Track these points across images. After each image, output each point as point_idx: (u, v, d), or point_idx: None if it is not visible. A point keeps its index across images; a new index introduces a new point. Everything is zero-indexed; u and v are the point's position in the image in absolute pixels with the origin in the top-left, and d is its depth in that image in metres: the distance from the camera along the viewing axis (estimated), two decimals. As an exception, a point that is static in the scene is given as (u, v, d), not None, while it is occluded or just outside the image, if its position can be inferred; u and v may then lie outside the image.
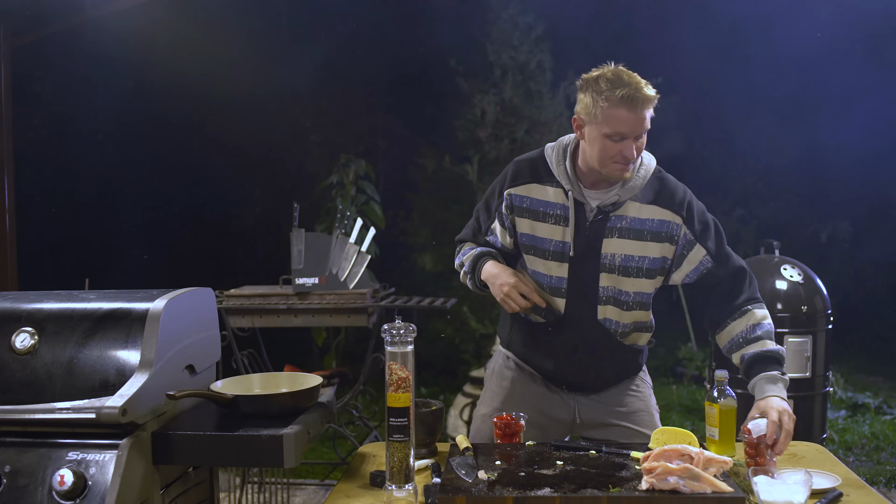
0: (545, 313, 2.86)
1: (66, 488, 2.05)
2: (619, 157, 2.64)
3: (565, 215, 2.79)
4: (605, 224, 2.77)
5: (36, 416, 2.14)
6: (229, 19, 8.41)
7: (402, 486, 2.22)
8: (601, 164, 2.68)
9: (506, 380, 3.02)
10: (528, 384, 2.99)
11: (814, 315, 4.74)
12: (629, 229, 2.77)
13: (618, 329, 2.85)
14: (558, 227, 2.80)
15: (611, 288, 2.80)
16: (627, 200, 2.77)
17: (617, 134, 2.62)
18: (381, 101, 10.11)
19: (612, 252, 2.77)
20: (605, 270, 2.78)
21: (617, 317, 2.83)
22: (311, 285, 5.17)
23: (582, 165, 2.78)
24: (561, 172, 2.80)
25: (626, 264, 2.77)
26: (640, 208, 2.78)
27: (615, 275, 2.78)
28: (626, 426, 2.93)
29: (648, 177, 2.80)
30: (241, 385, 2.54)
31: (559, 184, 2.81)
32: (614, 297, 2.80)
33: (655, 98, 2.64)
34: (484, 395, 3.10)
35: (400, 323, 2.24)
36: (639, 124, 2.62)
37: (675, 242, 2.79)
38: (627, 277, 2.78)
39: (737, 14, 9.10)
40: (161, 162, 9.56)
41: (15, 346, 2.28)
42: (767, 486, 2.09)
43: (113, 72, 8.75)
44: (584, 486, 2.14)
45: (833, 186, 10.55)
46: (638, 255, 2.77)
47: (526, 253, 2.87)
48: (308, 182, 8.82)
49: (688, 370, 8.79)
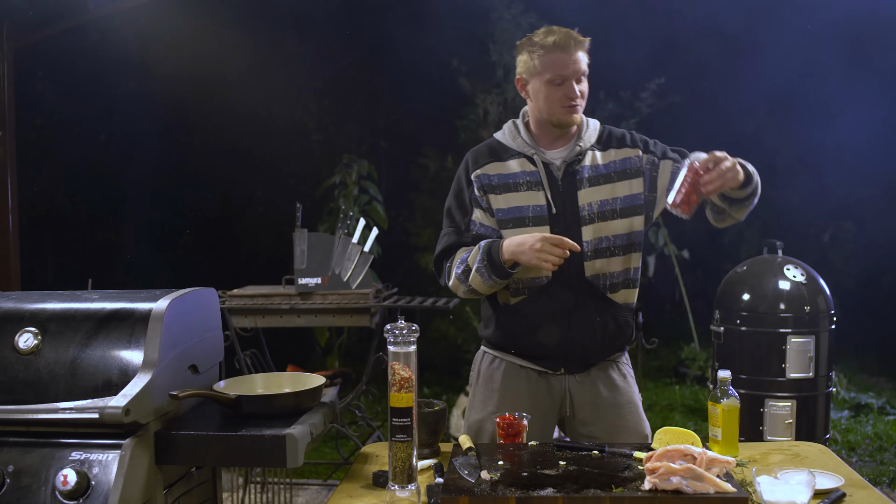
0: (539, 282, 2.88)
1: (69, 488, 2.05)
2: (565, 100, 2.82)
3: (536, 179, 2.89)
4: (576, 177, 2.89)
5: (39, 416, 2.15)
6: (232, 19, 8.41)
7: (405, 486, 2.22)
8: (550, 113, 2.86)
9: (495, 381, 3.00)
10: (518, 381, 2.97)
11: (817, 315, 4.73)
12: (597, 176, 2.89)
13: (607, 282, 2.88)
14: (533, 192, 2.88)
15: (594, 241, 2.85)
16: (587, 151, 2.92)
17: (557, 76, 2.81)
18: (384, 101, 10.11)
19: (588, 202, 2.86)
20: (586, 223, 2.85)
21: (606, 268, 2.88)
22: (314, 285, 5.17)
23: (535, 129, 2.97)
24: (520, 143, 2.95)
25: (604, 209, 2.86)
26: (600, 155, 2.93)
27: (596, 223, 2.85)
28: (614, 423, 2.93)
29: (597, 128, 2.99)
30: (244, 385, 2.54)
31: (519, 154, 2.94)
32: (600, 248, 2.85)
33: (586, 41, 2.85)
34: (473, 401, 3.06)
35: (403, 323, 2.24)
36: (575, 64, 2.81)
37: (642, 173, 2.92)
38: (606, 222, 2.86)
39: (737, 14, 9.10)
40: (164, 162, 9.56)
41: (18, 346, 2.29)
42: (770, 486, 2.09)
43: (116, 72, 8.77)
44: (586, 487, 2.14)
45: (836, 186, 10.53)
46: (611, 198, 2.88)
47: (504, 228, 2.89)
48: (311, 182, 8.83)
49: (690, 370, 8.79)
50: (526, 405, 2.92)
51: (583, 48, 2.84)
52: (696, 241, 10.37)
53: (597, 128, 2.99)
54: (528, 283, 2.89)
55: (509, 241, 2.79)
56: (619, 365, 3.01)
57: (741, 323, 4.82)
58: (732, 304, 4.89)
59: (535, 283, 2.88)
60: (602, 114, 9.19)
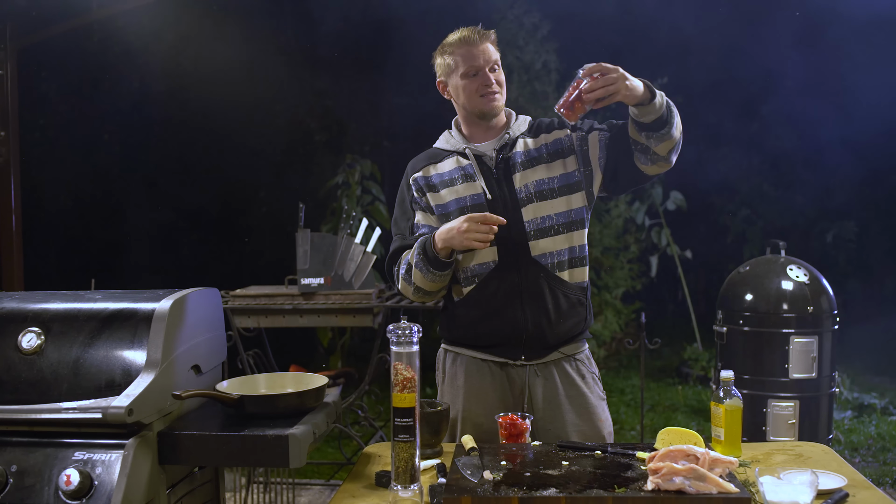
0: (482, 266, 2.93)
1: (72, 488, 2.05)
2: (482, 88, 2.94)
3: (471, 171, 2.98)
4: (509, 162, 2.98)
5: (42, 416, 2.15)
6: (235, 20, 8.42)
7: (408, 486, 2.22)
8: (472, 104, 2.98)
9: (458, 379, 3.02)
10: (481, 376, 2.99)
11: (820, 315, 4.73)
12: (531, 158, 2.98)
13: (554, 261, 2.92)
14: (469, 183, 2.98)
15: (535, 220, 2.91)
16: (518, 139, 3.02)
17: (471, 68, 2.94)
18: (386, 101, 10.12)
19: (524, 183, 2.95)
20: (525, 203, 2.92)
21: (551, 246, 2.92)
22: (317, 285, 5.18)
23: (465, 128, 3.10)
24: (453, 143, 3.07)
25: (540, 188, 2.94)
26: (531, 141, 3.02)
27: (535, 203, 2.92)
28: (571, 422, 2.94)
29: (527, 120, 3.10)
30: (246, 385, 2.54)
31: (453, 153, 3.05)
32: (542, 227, 2.91)
33: (491, 33, 2.98)
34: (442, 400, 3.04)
35: (405, 323, 2.24)
36: (484, 54, 2.93)
37: (573, 151, 3.00)
38: (545, 201, 2.93)
39: (742, 14, 9.10)
40: (167, 162, 9.57)
41: (21, 346, 2.29)
42: (773, 486, 2.09)
43: (119, 72, 8.78)
44: (589, 487, 2.14)
45: (839, 187, 10.54)
46: (547, 177, 2.96)
47: (445, 222, 2.92)
48: (313, 182, 8.84)
49: (693, 370, 8.79)
50: (491, 400, 2.95)
51: (489, 40, 2.96)
52: (698, 241, 10.38)
53: (527, 120, 3.10)
54: (475, 270, 2.94)
55: (439, 230, 2.85)
56: (579, 363, 3.02)
57: (744, 323, 4.81)
58: (735, 305, 4.89)
59: (482, 269, 2.93)
60: (603, 113, 9.19)
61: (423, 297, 3.01)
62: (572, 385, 2.97)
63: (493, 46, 2.97)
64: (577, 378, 2.99)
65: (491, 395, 2.96)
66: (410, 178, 3.09)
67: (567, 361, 2.99)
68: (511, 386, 2.97)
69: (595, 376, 3.06)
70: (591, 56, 2.96)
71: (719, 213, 11.18)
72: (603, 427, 2.98)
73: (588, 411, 2.97)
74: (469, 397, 2.98)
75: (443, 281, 2.92)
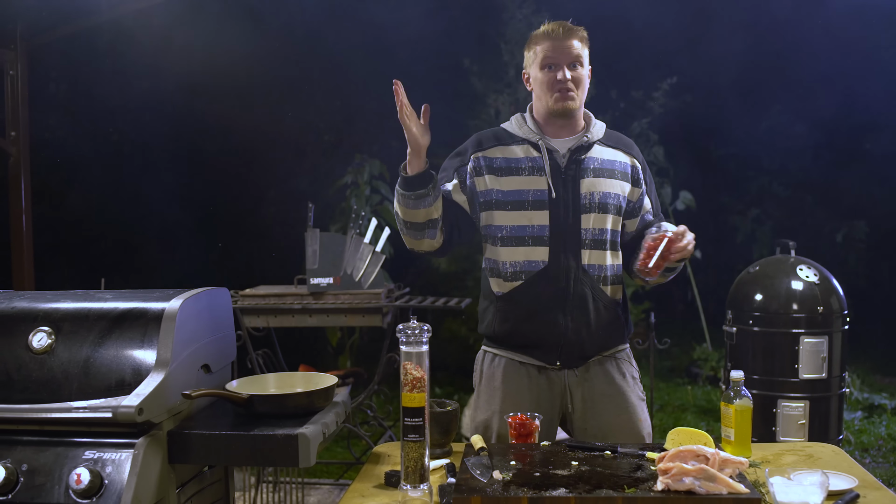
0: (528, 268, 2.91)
1: (82, 487, 2.06)
2: (556, 84, 2.88)
3: (539, 165, 2.92)
4: (580, 166, 2.93)
5: (53, 416, 2.16)
6: (245, 20, 8.43)
7: (417, 485, 2.22)
8: (546, 98, 2.91)
9: (496, 380, 3.01)
10: (518, 378, 2.98)
11: (830, 316, 4.72)
12: (602, 168, 2.95)
13: (601, 274, 2.93)
14: (534, 177, 2.92)
15: (593, 230, 2.90)
16: (594, 144, 2.97)
17: (548, 61, 2.90)
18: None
19: (590, 191, 2.91)
20: (586, 210, 2.90)
21: (600, 260, 2.93)
22: (326, 285, 5.18)
23: (540, 120, 3.00)
24: (526, 131, 2.98)
25: (605, 201, 2.92)
26: (607, 150, 3.00)
27: (596, 213, 2.90)
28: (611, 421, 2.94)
29: (604, 127, 3.05)
30: (256, 384, 2.54)
31: (524, 141, 2.97)
32: (597, 238, 2.90)
33: (579, 30, 2.93)
34: (478, 402, 3.07)
35: (415, 323, 2.24)
36: (565, 51, 2.88)
37: (640, 185, 3.02)
38: (607, 215, 2.93)
39: (750, 14, 9.08)
40: (176, 162, 9.58)
41: (32, 345, 2.30)
42: (783, 487, 2.08)
43: (129, 72, 8.78)
44: (599, 487, 2.13)
45: (849, 186, 10.51)
46: (614, 192, 2.95)
47: (502, 209, 2.93)
48: (323, 182, 8.83)
49: (703, 370, 8.77)
50: (528, 401, 2.94)
51: (576, 37, 2.91)
52: (708, 241, 10.35)
53: (603, 127, 3.05)
54: (523, 266, 2.92)
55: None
56: (620, 363, 3.02)
57: (754, 323, 4.80)
58: (745, 305, 4.88)
59: (531, 267, 2.91)
60: (614, 113, 9.17)
61: (413, 234, 2.91)
62: (612, 384, 2.97)
63: (579, 43, 2.91)
64: (617, 376, 2.99)
65: (527, 397, 2.95)
66: (472, 154, 3.00)
67: (608, 361, 2.99)
68: (550, 388, 2.96)
69: (635, 377, 3.05)
70: (593, 55, 2.96)
71: (729, 213, 11.15)
72: (642, 427, 2.98)
73: (628, 410, 2.96)
74: (506, 398, 2.96)
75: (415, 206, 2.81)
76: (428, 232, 2.90)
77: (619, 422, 2.94)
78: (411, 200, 2.80)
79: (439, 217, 2.87)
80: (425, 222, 2.87)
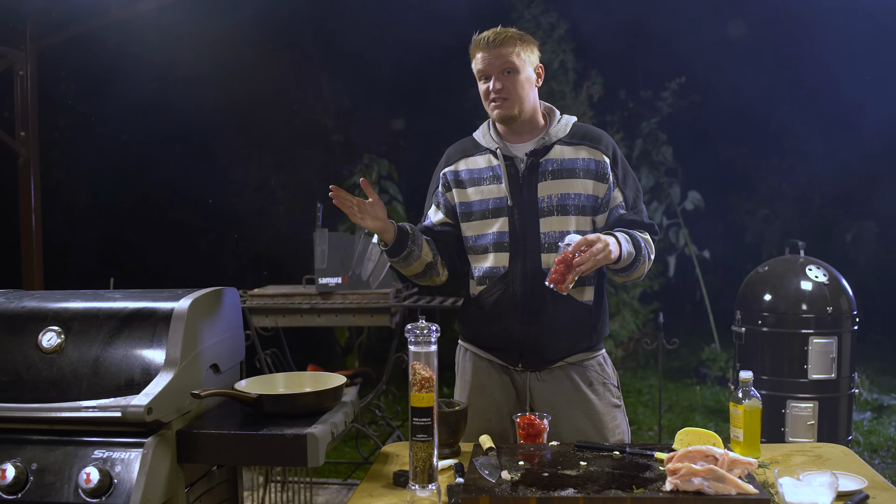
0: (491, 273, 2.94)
1: (91, 486, 2.06)
2: (489, 95, 2.89)
3: (498, 173, 2.93)
4: (538, 170, 2.91)
5: (62, 415, 2.16)
6: (252, 21, 8.44)
7: (426, 485, 2.22)
8: (486, 107, 2.94)
9: (467, 373, 3.06)
10: (486, 373, 3.01)
11: (839, 316, 4.70)
12: (561, 169, 2.91)
13: None
14: (494, 186, 2.94)
15: (552, 234, 2.88)
16: (555, 145, 2.93)
17: (481, 73, 2.91)
18: (404, 101, 10.13)
19: (548, 194, 2.89)
20: (545, 215, 2.89)
21: None
22: (335, 285, 5.18)
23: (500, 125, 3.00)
24: (488, 139, 3.00)
25: (564, 202, 2.89)
26: (568, 150, 2.94)
27: (554, 216, 2.88)
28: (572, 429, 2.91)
29: (570, 123, 2.99)
30: (265, 384, 2.55)
31: (486, 150, 2.99)
32: (557, 241, 2.85)
33: (509, 35, 2.87)
34: (455, 394, 3.12)
35: (423, 323, 2.24)
36: (495, 60, 2.86)
37: (607, 181, 2.93)
38: (566, 216, 2.89)
39: (758, 14, 9.05)
40: (184, 161, 9.61)
41: (42, 344, 2.30)
42: (793, 487, 2.08)
43: (137, 73, 8.81)
44: (607, 487, 2.13)
45: (858, 186, 10.47)
46: (573, 193, 2.90)
47: (466, 220, 2.99)
48: (331, 182, 8.83)
49: (711, 371, 8.75)
50: (495, 397, 2.97)
51: (507, 43, 2.86)
52: (716, 241, 10.33)
53: (569, 123, 3.00)
54: (486, 272, 2.95)
55: None
56: (588, 370, 2.98)
57: (763, 323, 4.79)
58: (754, 305, 4.87)
59: (492, 272, 2.94)
60: (622, 113, 9.17)
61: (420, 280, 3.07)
62: (577, 390, 2.95)
63: (512, 47, 2.85)
64: (582, 384, 2.95)
65: (496, 392, 2.98)
66: (442, 170, 3.07)
67: (573, 368, 2.97)
68: (514, 386, 2.99)
69: (607, 383, 3.01)
70: (602, 55, 2.96)
71: (738, 213, 11.13)
72: (610, 434, 2.94)
73: (594, 418, 2.94)
74: (474, 392, 3.01)
75: (407, 265, 2.95)
76: (430, 273, 3.03)
77: (586, 428, 2.92)
78: (401, 262, 2.95)
79: (434, 258, 3.00)
80: (424, 270, 3.01)
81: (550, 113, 3.03)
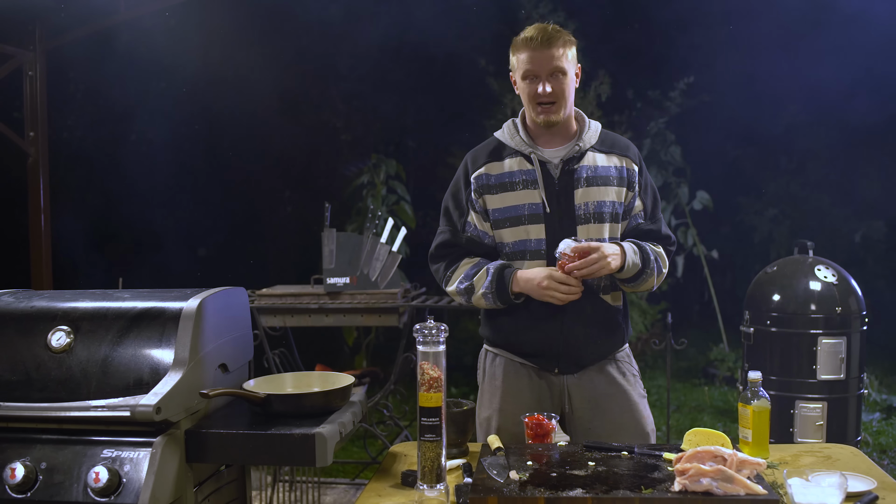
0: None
1: (101, 485, 2.07)
2: (537, 98, 2.83)
3: (533, 178, 2.89)
4: (573, 176, 2.88)
5: (71, 414, 2.17)
6: (261, 20, 8.46)
7: (434, 485, 2.22)
8: (529, 111, 2.89)
9: (497, 378, 3.04)
10: (518, 377, 2.99)
11: (848, 316, 4.69)
12: (596, 177, 2.90)
13: (600, 283, 2.91)
14: (528, 191, 2.89)
15: (589, 240, 2.84)
16: (588, 151, 2.92)
17: (528, 73, 2.83)
18: (412, 101, 10.13)
19: (584, 201, 2.87)
20: (581, 222, 2.87)
21: None
22: (343, 285, 5.19)
23: (531, 126, 2.96)
24: (518, 142, 2.94)
25: (600, 210, 2.88)
26: (601, 156, 2.93)
27: (591, 223, 2.87)
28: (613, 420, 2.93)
29: (599, 129, 2.99)
30: (273, 384, 2.55)
31: (517, 153, 2.94)
32: None
33: (560, 34, 2.81)
34: (481, 399, 3.09)
35: (431, 323, 2.24)
36: (545, 62, 2.79)
37: (634, 189, 2.94)
38: (603, 224, 2.89)
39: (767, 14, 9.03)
40: (193, 162, 9.63)
41: (51, 344, 2.31)
42: (802, 488, 2.07)
43: (146, 73, 8.83)
44: (616, 487, 2.13)
45: (867, 186, 10.44)
46: (609, 200, 2.90)
47: (500, 227, 2.94)
48: (339, 182, 8.86)
49: (720, 371, 8.74)
50: (528, 400, 2.95)
51: (557, 43, 2.80)
52: (725, 241, 10.31)
53: (598, 130, 2.98)
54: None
55: (520, 273, 2.84)
56: (619, 363, 3.01)
57: (771, 324, 4.78)
58: (762, 305, 4.86)
59: None
60: (630, 112, 9.15)
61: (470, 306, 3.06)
62: (612, 383, 2.96)
63: (561, 49, 2.81)
64: (618, 376, 2.98)
65: (528, 396, 2.96)
66: (472, 174, 2.98)
67: (607, 363, 2.98)
68: (550, 388, 2.97)
69: (636, 375, 3.05)
70: (610, 55, 2.95)
71: (746, 213, 11.11)
72: (646, 424, 2.97)
73: (631, 408, 2.96)
74: (507, 397, 2.98)
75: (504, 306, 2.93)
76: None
77: (623, 420, 2.94)
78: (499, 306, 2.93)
79: None
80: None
81: (580, 118, 3.01)
